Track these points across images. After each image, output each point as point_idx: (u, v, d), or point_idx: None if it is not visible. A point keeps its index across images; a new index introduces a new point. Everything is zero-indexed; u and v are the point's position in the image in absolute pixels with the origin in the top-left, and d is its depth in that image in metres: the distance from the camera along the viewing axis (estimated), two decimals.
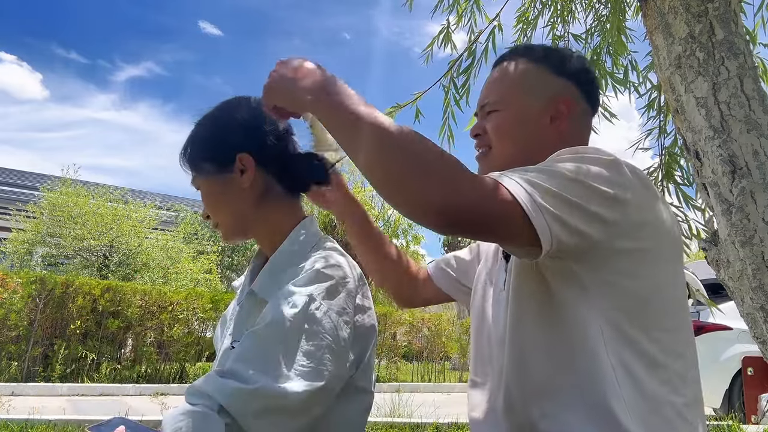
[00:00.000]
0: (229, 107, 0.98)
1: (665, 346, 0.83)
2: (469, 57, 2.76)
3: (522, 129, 0.98)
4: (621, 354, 0.79)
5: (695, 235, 2.39)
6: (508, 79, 1.02)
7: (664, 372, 0.81)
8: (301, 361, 0.75)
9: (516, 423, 0.87)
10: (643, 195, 0.82)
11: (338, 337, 0.80)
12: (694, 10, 1.49)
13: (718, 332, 5.41)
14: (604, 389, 0.79)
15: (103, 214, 11.51)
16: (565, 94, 0.99)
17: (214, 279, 12.85)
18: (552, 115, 0.97)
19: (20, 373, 6.60)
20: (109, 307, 7.15)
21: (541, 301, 0.85)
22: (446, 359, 10.48)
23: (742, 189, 1.36)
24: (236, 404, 0.72)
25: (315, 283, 0.81)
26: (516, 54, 1.05)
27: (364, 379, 0.88)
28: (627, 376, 0.79)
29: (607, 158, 0.81)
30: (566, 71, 1.01)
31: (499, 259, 1.04)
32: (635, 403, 0.78)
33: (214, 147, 0.95)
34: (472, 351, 1.05)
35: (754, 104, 1.40)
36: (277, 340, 0.76)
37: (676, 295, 0.86)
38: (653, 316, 0.83)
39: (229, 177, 0.93)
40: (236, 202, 0.94)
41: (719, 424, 4.43)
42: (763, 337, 1.41)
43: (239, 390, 0.72)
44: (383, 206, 14.56)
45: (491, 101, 1.01)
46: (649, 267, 0.83)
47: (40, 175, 17.44)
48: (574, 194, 0.75)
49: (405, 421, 4.40)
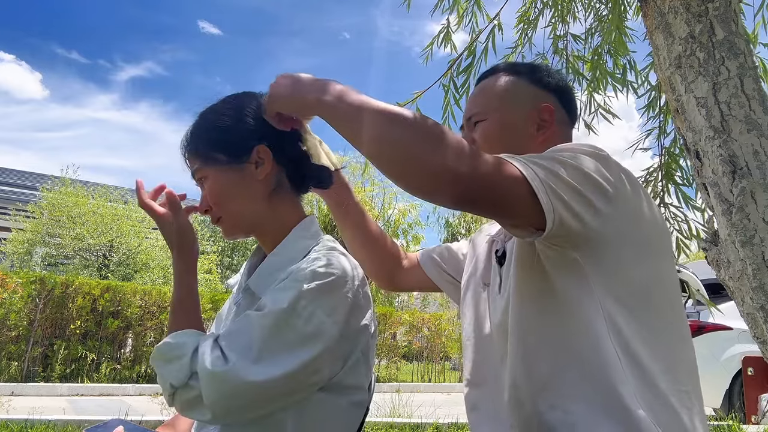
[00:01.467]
0: (245, 98, 0.96)
1: (665, 334, 0.85)
2: (469, 56, 2.75)
3: (509, 135, 1.02)
4: (624, 342, 0.81)
5: (695, 235, 2.39)
6: (492, 91, 1.07)
7: (665, 360, 0.83)
8: (276, 353, 0.77)
9: (523, 417, 0.88)
10: (634, 190, 0.86)
11: (322, 335, 0.80)
12: (694, 10, 1.49)
13: (718, 332, 5.41)
14: (612, 377, 0.80)
15: (103, 214, 11.52)
16: (547, 101, 1.04)
17: (214, 279, 12.86)
18: (538, 123, 1.02)
19: (20, 373, 6.60)
20: (108, 307, 7.15)
21: (544, 295, 0.86)
22: (446, 359, 10.48)
23: (743, 189, 1.36)
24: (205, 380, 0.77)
25: (311, 280, 0.81)
26: (499, 70, 1.11)
27: (352, 377, 0.88)
28: (632, 363, 0.81)
29: (601, 153, 0.85)
30: (547, 84, 1.06)
31: (492, 263, 1.06)
32: (640, 390, 0.80)
33: (231, 136, 0.92)
34: (467, 352, 1.06)
35: (754, 104, 1.40)
36: (257, 328, 0.78)
37: (672, 286, 0.89)
38: (654, 305, 0.85)
39: (242, 168, 0.91)
40: (247, 195, 0.92)
41: (719, 424, 4.43)
42: (763, 337, 1.41)
43: (210, 371, 0.76)
44: (383, 206, 14.43)
45: (477, 112, 1.06)
46: (646, 257, 0.85)
47: (40, 175, 17.44)
48: (575, 180, 0.78)
49: (405, 421, 4.40)
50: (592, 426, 0.81)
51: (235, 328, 0.81)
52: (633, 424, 0.78)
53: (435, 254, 1.29)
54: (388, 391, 6.76)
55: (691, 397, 0.84)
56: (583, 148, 0.85)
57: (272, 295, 0.82)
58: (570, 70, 2.84)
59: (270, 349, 0.77)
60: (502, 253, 1.02)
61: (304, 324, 0.79)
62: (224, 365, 0.76)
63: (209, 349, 0.78)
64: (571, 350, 0.83)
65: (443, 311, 11.49)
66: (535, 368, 0.87)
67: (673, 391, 0.82)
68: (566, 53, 2.89)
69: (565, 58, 2.89)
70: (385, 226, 12.83)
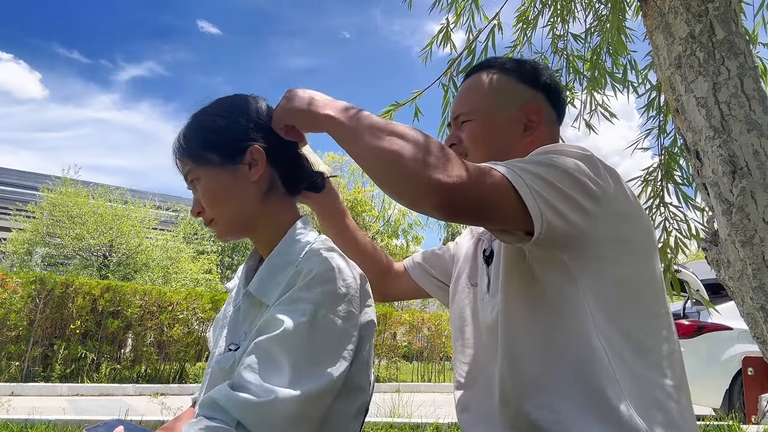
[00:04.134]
0: (238, 100, 0.96)
1: (651, 331, 0.86)
2: (468, 56, 2.76)
3: (496, 136, 1.02)
4: (611, 339, 0.82)
5: (695, 235, 2.39)
6: (479, 89, 1.07)
7: (652, 355, 0.84)
8: (310, 370, 0.76)
9: (511, 416, 0.89)
10: (619, 189, 0.86)
11: (345, 343, 0.80)
12: (694, 9, 1.49)
13: (718, 332, 5.41)
14: (599, 374, 0.81)
15: (103, 214, 11.51)
16: (535, 102, 1.04)
17: (214, 279, 12.85)
18: (525, 124, 1.02)
19: (20, 373, 6.60)
20: (108, 307, 7.14)
21: (532, 294, 0.87)
22: (446, 359, 10.47)
23: (743, 189, 1.36)
24: (252, 418, 0.72)
25: (318, 287, 0.81)
26: (487, 66, 1.10)
27: (359, 375, 0.88)
28: (618, 360, 0.81)
29: (586, 154, 0.86)
30: (535, 81, 1.06)
31: (479, 262, 1.06)
32: (628, 387, 0.80)
33: (224, 136, 0.91)
34: (456, 353, 1.07)
35: (754, 104, 1.40)
36: (285, 350, 0.76)
37: (658, 284, 0.90)
38: (639, 302, 0.86)
39: (235, 169, 0.91)
40: (240, 196, 0.92)
41: (719, 424, 4.43)
42: (763, 337, 1.41)
43: (254, 404, 0.72)
44: (383, 206, 14.56)
45: (464, 111, 1.06)
46: (632, 256, 0.86)
47: (40, 175, 17.44)
48: (562, 183, 0.79)
49: (405, 421, 4.40)
50: (579, 424, 0.81)
51: (253, 360, 0.77)
52: (621, 422, 0.79)
53: (422, 260, 1.28)
54: (388, 391, 6.76)
55: (678, 390, 0.84)
56: (568, 149, 0.86)
57: (284, 310, 0.80)
58: (570, 70, 2.84)
59: (302, 365, 0.76)
60: (490, 252, 1.02)
61: (327, 333, 0.79)
62: (266, 395, 0.73)
63: (232, 392, 0.74)
64: (559, 349, 0.84)
65: (443, 311, 11.49)
66: (523, 367, 0.87)
67: (660, 385, 0.83)
68: (566, 53, 2.89)
69: (564, 58, 2.89)
70: (385, 226, 12.84)
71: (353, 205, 12.35)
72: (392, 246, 13.14)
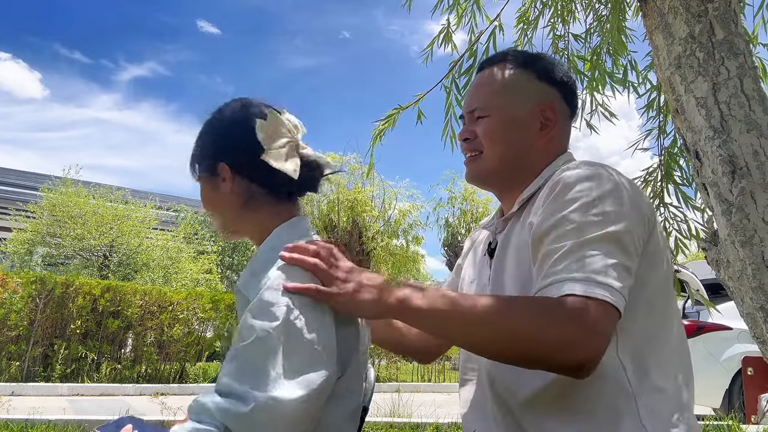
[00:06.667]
0: (217, 116, 1.03)
1: (668, 345, 0.86)
2: (470, 58, 2.75)
3: (513, 133, 1.01)
4: (631, 352, 0.82)
5: (695, 235, 2.39)
6: (495, 84, 1.05)
7: (669, 369, 0.84)
8: (290, 371, 0.75)
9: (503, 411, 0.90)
10: (647, 200, 0.88)
11: (322, 341, 0.79)
12: (694, 10, 1.49)
13: (718, 332, 5.41)
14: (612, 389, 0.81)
15: (104, 214, 11.51)
16: (551, 99, 1.03)
17: (214, 279, 12.86)
18: (542, 122, 1.01)
19: (20, 373, 6.60)
20: (109, 307, 7.14)
21: None
22: (446, 359, 10.47)
23: (742, 189, 1.36)
24: (238, 426, 0.73)
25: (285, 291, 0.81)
26: (501, 59, 1.08)
27: (351, 378, 0.88)
28: (636, 374, 0.81)
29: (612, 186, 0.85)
30: (551, 78, 1.04)
31: (479, 256, 1.06)
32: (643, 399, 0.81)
33: (201, 154, 1.03)
34: (462, 351, 1.06)
35: (754, 104, 1.40)
36: (263, 354, 0.76)
37: (670, 288, 0.91)
38: (657, 314, 0.86)
39: (215, 181, 1.00)
40: (224, 205, 1.00)
41: (719, 424, 4.43)
42: (763, 337, 1.41)
43: (237, 413, 0.73)
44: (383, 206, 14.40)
45: (481, 106, 1.04)
46: (654, 264, 0.87)
47: (40, 175, 17.42)
48: (629, 249, 0.81)
49: (405, 421, 4.40)
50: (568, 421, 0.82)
51: (234, 367, 0.78)
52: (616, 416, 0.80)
53: None
54: (388, 391, 6.75)
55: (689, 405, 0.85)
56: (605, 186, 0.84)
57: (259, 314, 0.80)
58: (570, 69, 2.84)
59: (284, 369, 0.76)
60: (495, 244, 1.02)
61: (303, 335, 0.78)
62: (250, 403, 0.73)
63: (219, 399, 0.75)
64: None
65: None
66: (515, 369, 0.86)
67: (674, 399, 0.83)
68: (567, 53, 2.89)
69: (565, 58, 2.89)
70: (386, 226, 12.83)
71: (353, 205, 12.32)
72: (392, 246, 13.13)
